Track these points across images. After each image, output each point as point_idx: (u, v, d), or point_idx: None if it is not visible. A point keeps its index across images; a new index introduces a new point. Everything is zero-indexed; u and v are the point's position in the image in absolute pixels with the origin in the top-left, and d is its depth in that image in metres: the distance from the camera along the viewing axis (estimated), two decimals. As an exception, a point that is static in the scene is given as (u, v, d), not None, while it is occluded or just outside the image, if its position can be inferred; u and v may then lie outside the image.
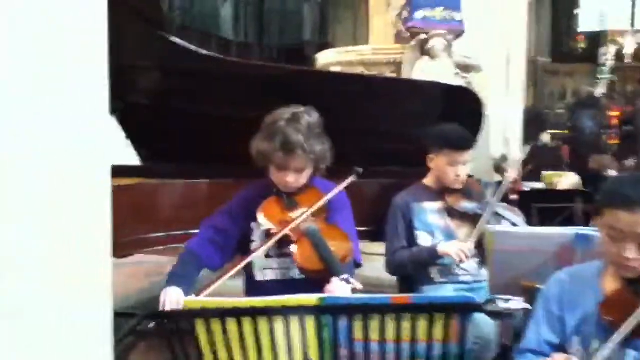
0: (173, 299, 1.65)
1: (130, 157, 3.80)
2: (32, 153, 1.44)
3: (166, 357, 1.18)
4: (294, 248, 1.80)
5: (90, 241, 1.68)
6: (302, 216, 1.84)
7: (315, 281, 1.80)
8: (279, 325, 1.06)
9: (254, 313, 1.04)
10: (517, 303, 1.01)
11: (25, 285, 1.44)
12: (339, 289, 1.66)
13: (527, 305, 1.03)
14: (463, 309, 1.02)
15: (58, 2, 1.45)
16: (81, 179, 1.62)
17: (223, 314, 1.04)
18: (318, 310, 1.04)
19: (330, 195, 1.93)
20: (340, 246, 1.81)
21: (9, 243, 1.39)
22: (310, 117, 1.90)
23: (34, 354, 1.47)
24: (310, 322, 1.05)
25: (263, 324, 1.05)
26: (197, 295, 1.73)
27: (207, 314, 1.04)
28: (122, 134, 3.66)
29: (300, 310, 1.04)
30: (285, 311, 1.03)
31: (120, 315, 3.37)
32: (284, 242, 1.86)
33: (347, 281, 1.66)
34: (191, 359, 1.10)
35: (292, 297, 1.05)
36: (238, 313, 1.03)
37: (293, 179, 1.89)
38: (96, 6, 1.61)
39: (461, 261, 2.29)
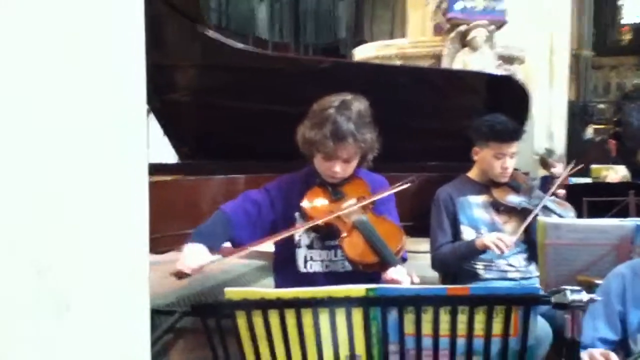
0: (193, 254, 1.59)
1: (169, 154, 3.82)
2: (69, 151, 1.44)
3: (205, 354, 1.14)
4: (344, 241, 1.73)
5: (128, 237, 1.67)
6: (352, 206, 1.77)
7: (367, 275, 1.75)
8: (324, 318, 0.99)
9: (298, 305, 0.98)
10: (585, 294, 0.92)
11: (67, 283, 1.44)
12: (399, 274, 1.61)
13: (596, 296, 0.94)
14: (527, 301, 0.94)
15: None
16: (118, 176, 1.62)
17: (266, 305, 0.98)
18: (366, 302, 0.97)
19: (386, 193, 1.87)
20: (393, 237, 1.74)
21: (48, 239, 1.39)
22: (360, 104, 1.82)
23: (74, 351, 1.46)
24: (357, 315, 0.99)
25: (307, 316, 0.99)
26: (224, 256, 1.66)
27: (248, 305, 0.99)
28: (161, 132, 3.69)
29: (347, 302, 0.97)
30: (331, 303, 0.97)
31: (159, 312, 3.41)
32: (330, 234, 1.80)
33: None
34: (230, 355, 1.04)
35: (339, 288, 0.98)
36: (281, 305, 0.98)
37: (341, 169, 1.81)
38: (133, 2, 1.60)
39: (502, 252, 2.18)
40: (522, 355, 0.98)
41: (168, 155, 3.83)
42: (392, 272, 1.62)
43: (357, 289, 0.97)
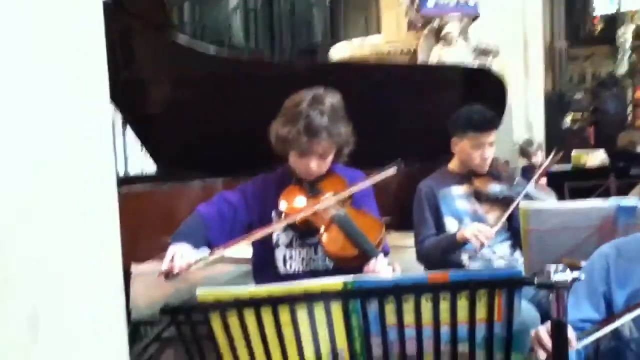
0: (180, 253, 1.54)
1: (145, 165, 3.77)
2: (37, 162, 1.41)
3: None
4: (323, 237, 1.69)
5: (99, 243, 1.62)
6: (329, 200, 1.74)
7: (348, 269, 1.72)
8: (302, 314, 0.96)
9: (274, 302, 0.94)
10: (569, 272, 0.89)
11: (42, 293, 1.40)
12: (380, 265, 1.57)
13: (580, 275, 0.91)
14: (510, 283, 0.91)
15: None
16: (86, 183, 1.58)
17: (240, 304, 0.94)
18: (345, 295, 0.94)
19: (369, 182, 1.81)
20: (372, 230, 1.71)
21: (16, 247, 1.35)
22: (333, 98, 1.77)
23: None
24: (336, 309, 0.95)
25: (284, 314, 0.95)
26: (211, 253, 1.61)
27: (222, 306, 0.94)
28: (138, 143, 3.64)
29: (325, 296, 0.93)
30: (308, 298, 0.93)
31: (144, 323, 3.33)
32: (308, 231, 1.76)
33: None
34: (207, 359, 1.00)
35: (316, 282, 0.94)
36: (256, 303, 0.94)
37: (316, 165, 1.77)
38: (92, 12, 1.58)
39: (482, 245, 2.15)
40: (508, 340, 0.95)
41: (148, 165, 3.77)
42: (373, 264, 1.59)
43: (335, 282, 0.94)
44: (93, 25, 1.63)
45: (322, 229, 1.71)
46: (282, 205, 1.77)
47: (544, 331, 1.27)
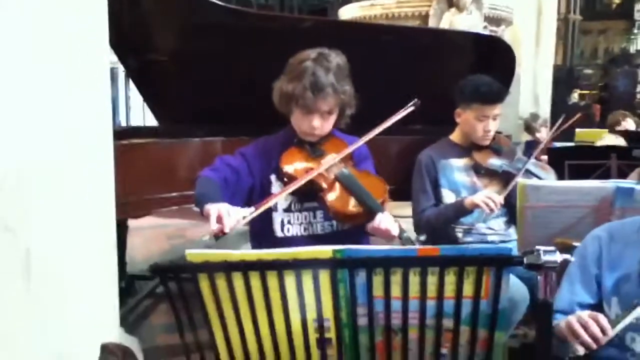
0: (224, 211, 1.51)
1: (147, 118, 3.75)
2: (32, 114, 1.40)
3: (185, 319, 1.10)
4: (327, 196, 1.70)
5: (93, 194, 1.63)
6: (334, 159, 1.74)
7: (349, 234, 1.75)
8: (290, 281, 0.96)
9: (263, 267, 0.94)
10: (559, 254, 0.89)
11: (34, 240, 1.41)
12: (387, 220, 1.63)
13: (569, 257, 0.91)
14: (498, 262, 0.91)
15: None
16: (83, 138, 1.58)
17: (229, 267, 0.94)
18: (333, 264, 0.94)
19: (381, 128, 1.82)
20: (377, 188, 1.73)
21: (15, 198, 1.36)
22: (339, 57, 1.77)
23: (40, 308, 1.43)
24: (324, 277, 0.95)
25: (272, 279, 0.95)
26: (256, 210, 1.59)
27: (210, 268, 0.95)
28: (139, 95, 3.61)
29: (314, 264, 0.93)
30: (296, 265, 0.93)
31: (138, 277, 3.38)
32: (308, 194, 1.76)
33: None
34: (195, 320, 1.01)
35: (304, 249, 0.94)
36: (245, 267, 0.94)
37: (320, 124, 1.76)
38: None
39: (491, 211, 2.15)
40: (493, 318, 0.96)
41: (149, 119, 3.76)
42: (379, 219, 1.62)
43: (324, 251, 0.93)
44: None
45: (325, 188, 1.71)
46: (284, 166, 1.76)
47: (575, 321, 1.26)
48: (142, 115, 8.29)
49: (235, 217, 1.52)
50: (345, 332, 1.01)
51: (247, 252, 0.95)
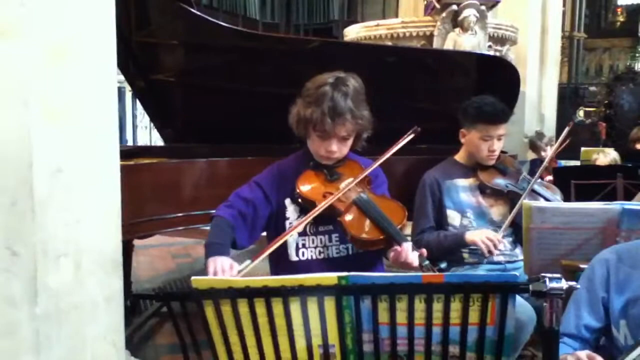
0: (219, 267, 1.53)
1: (153, 138, 3.77)
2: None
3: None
4: (346, 220, 1.69)
5: (103, 216, 1.63)
6: (351, 184, 1.74)
7: (363, 258, 1.75)
8: (295, 307, 0.96)
9: (268, 294, 0.94)
10: (564, 282, 0.88)
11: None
12: (408, 252, 1.60)
13: (575, 284, 0.90)
14: (504, 289, 0.90)
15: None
16: (91, 158, 1.58)
17: (234, 294, 0.94)
18: (339, 291, 0.94)
19: (387, 155, 1.83)
20: (396, 213, 1.72)
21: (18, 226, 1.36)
22: (355, 81, 1.77)
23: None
24: (330, 304, 0.95)
25: (278, 305, 0.95)
26: (251, 263, 1.62)
27: (215, 294, 0.95)
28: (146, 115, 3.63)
29: (319, 291, 0.93)
30: (301, 291, 0.93)
31: (144, 297, 3.37)
32: (323, 218, 1.74)
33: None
34: (200, 344, 1.01)
35: (310, 276, 0.94)
36: (250, 294, 0.94)
37: (337, 148, 1.77)
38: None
39: (490, 253, 2.16)
40: (499, 344, 0.95)
41: (155, 138, 3.78)
42: (402, 252, 1.60)
43: (329, 277, 0.93)
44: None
45: (342, 212, 1.70)
46: (305, 191, 1.75)
47: (583, 355, 1.22)
48: (148, 134, 8.37)
49: (229, 273, 1.53)
50: (351, 358, 1.00)
51: (252, 279, 0.95)
